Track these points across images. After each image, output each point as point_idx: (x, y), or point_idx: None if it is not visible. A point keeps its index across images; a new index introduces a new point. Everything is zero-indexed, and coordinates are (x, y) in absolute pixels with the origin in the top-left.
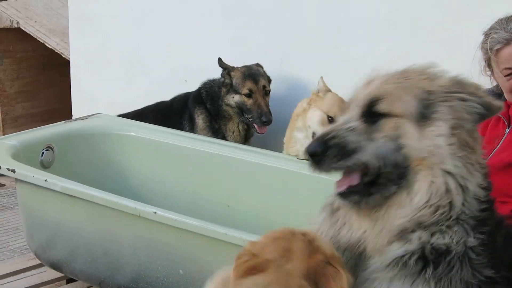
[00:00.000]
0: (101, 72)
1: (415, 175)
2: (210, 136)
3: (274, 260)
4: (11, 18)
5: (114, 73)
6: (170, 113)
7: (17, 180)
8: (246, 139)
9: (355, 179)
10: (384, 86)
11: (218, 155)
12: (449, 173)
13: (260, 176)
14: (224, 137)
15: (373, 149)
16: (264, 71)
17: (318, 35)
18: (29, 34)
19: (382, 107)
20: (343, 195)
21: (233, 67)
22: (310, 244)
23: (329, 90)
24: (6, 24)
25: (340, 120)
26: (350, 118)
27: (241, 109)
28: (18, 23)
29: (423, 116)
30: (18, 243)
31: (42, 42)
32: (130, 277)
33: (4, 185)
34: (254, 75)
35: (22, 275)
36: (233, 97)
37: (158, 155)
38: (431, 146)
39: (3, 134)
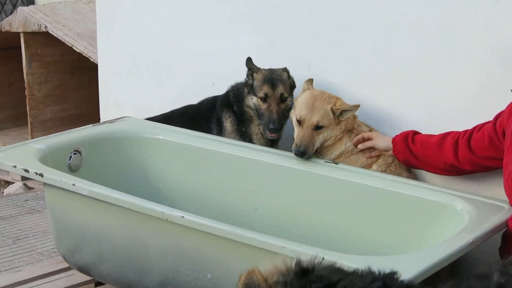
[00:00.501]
0: (129, 75)
1: None
2: (238, 139)
3: None
4: (39, 22)
5: (141, 77)
6: (198, 117)
7: (45, 184)
8: (273, 141)
9: None
10: None
11: (246, 159)
12: None
13: (288, 179)
14: (251, 140)
15: None
16: (287, 77)
17: (346, 39)
18: (57, 38)
19: None
20: None
21: (258, 68)
22: None
23: (306, 90)
24: (34, 28)
25: None
26: None
27: (258, 112)
28: (46, 27)
29: None
30: (47, 246)
31: (70, 46)
32: (158, 281)
33: (33, 188)
34: (274, 79)
35: (50, 278)
36: (252, 98)
37: (186, 159)
38: None
39: (32, 138)
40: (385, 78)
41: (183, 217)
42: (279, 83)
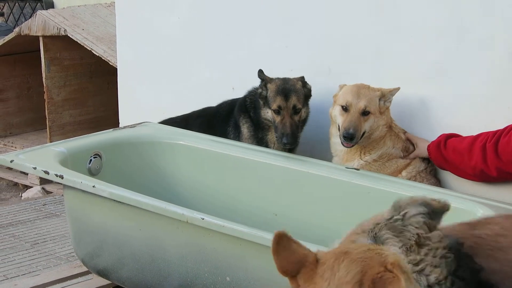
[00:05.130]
0: (148, 79)
1: None
2: (255, 144)
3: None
4: (59, 25)
5: (161, 81)
6: (215, 119)
7: (64, 186)
8: (290, 150)
9: None
10: None
11: (265, 164)
12: None
13: (307, 184)
14: (268, 147)
15: None
16: (301, 87)
17: (367, 44)
18: (77, 42)
19: None
20: None
21: (271, 79)
22: (370, 250)
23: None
24: (53, 31)
25: None
26: None
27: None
28: (65, 30)
29: None
30: (65, 250)
31: (90, 49)
32: (177, 284)
33: (51, 192)
34: (287, 91)
35: (68, 282)
36: (267, 112)
37: (206, 164)
38: None
39: (50, 141)
40: (406, 82)
41: (203, 219)
42: (292, 95)
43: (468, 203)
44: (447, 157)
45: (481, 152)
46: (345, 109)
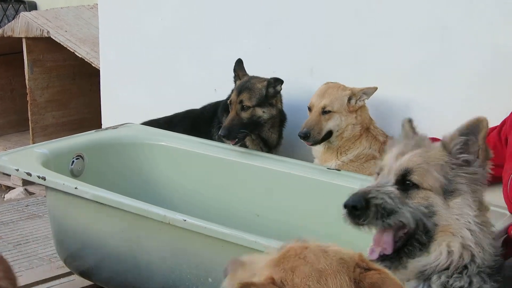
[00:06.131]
0: (131, 81)
1: (438, 239)
2: (240, 144)
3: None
4: (42, 27)
5: (144, 82)
6: (199, 121)
7: (47, 188)
8: (269, 147)
9: (388, 247)
10: (414, 159)
11: (247, 165)
12: (469, 237)
13: (289, 185)
14: (245, 145)
15: (409, 212)
16: (262, 87)
17: (350, 44)
18: (60, 43)
19: (414, 178)
20: (375, 261)
21: (243, 75)
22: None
23: None
24: (36, 33)
25: (377, 181)
26: (385, 183)
27: None
28: (48, 32)
29: (447, 190)
30: (48, 251)
31: (73, 51)
32: (160, 286)
33: (34, 193)
34: (241, 87)
35: (51, 283)
36: None
37: (188, 165)
38: (457, 215)
39: (33, 143)
40: (389, 83)
41: (185, 220)
42: (244, 91)
43: None
44: None
45: None
46: (309, 109)
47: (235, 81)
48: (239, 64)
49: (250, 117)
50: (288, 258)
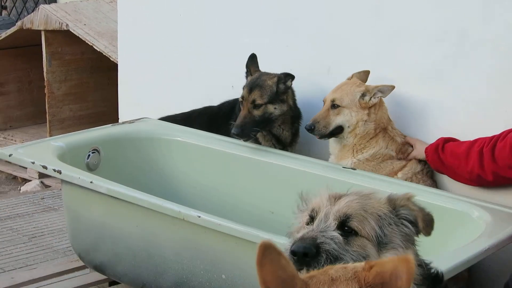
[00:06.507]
0: (149, 76)
1: None
2: (253, 141)
3: None
4: (61, 20)
5: (161, 77)
6: (217, 118)
7: (62, 181)
8: (282, 144)
9: None
10: (353, 205)
11: (262, 162)
12: None
13: (303, 183)
14: (258, 141)
15: (351, 259)
16: (273, 83)
17: (367, 45)
18: (78, 37)
19: (354, 224)
20: None
21: (254, 71)
22: (346, 268)
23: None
24: (55, 26)
25: (316, 225)
26: (327, 227)
27: None
28: (67, 25)
29: (381, 242)
30: (62, 244)
31: (91, 45)
32: (173, 281)
33: (50, 186)
34: (252, 84)
35: (65, 276)
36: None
37: (203, 160)
38: None
39: (50, 136)
40: (406, 84)
41: (199, 216)
42: (255, 89)
43: (463, 205)
44: (445, 160)
45: (478, 157)
46: (323, 104)
47: (246, 77)
48: (252, 59)
49: (262, 114)
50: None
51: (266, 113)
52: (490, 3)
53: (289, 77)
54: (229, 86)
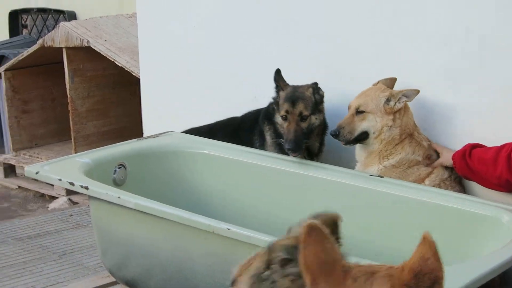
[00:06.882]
0: (171, 89)
1: None
2: (277, 151)
3: None
4: (81, 37)
5: (183, 91)
6: (240, 129)
7: (90, 197)
8: (311, 154)
9: None
10: None
11: (289, 172)
12: None
13: (331, 192)
14: (287, 153)
15: None
16: (311, 94)
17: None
18: (99, 53)
19: None
20: None
21: (285, 85)
22: (392, 267)
23: None
24: (76, 43)
25: None
26: None
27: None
28: (88, 41)
29: None
30: (93, 261)
31: (112, 60)
32: None
33: (77, 203)
34: (294, 97)
35: None
36: (278, 117)
37: (229, 173)
38: None
39: (75, 152)
40: (430, 88)
41: (229, 229)
42: (299, 102)
43: (493, 210)
44: (472, 167)
45: (506, 162)
46: (348, 110)
47: (277, 91)
48: (278, 74)
49: (308, 126)
50: None
51: (310, 124)
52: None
53: (317, 85)
54: (251, 97)
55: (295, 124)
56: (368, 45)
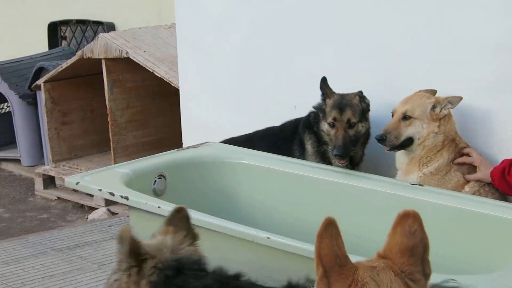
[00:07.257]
0: (210, 99)
1: None
2: (319, 161)
3: None
4: (120, 48)
5: (223, 101)
6: (280, 139)
7: (130, 207)
8: (352, 165)
9: None
10: None
11: (329, 182)
12: None
13: (371, 202)
14: (330, 162)
15: None
16: (358, 102)
17: (427, 55)
18: (138, 64)
19: None
20: None
21: (331, 93)
22: None
23: None
24: (115, 54)
25: None
26: None
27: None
28: (127, 52)
29: None
30: None
31: (151, 71)
32: None
33: (117, 213)
34: (342, 105)
35: None
36: (324, 124)
37: (269, 182)
38: None
39: (115, 163)
40: (471, 95)
41: (269, 238)
42: (347, 109)
43: None
44: None
45: None
46: (392, 115)
47: (323, 99)
48: (324, 82)
49: (355, 133)
50: None
51: (357, 132)
52: None
53: (363, 94)
54: (290, 106)
55: (343, 131)
56: (423, 55)
